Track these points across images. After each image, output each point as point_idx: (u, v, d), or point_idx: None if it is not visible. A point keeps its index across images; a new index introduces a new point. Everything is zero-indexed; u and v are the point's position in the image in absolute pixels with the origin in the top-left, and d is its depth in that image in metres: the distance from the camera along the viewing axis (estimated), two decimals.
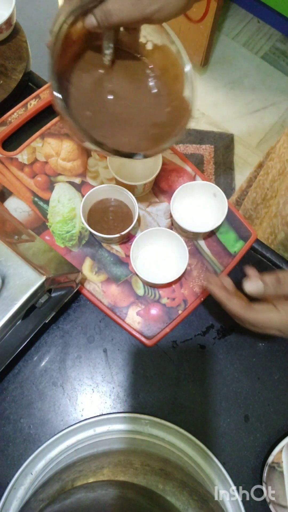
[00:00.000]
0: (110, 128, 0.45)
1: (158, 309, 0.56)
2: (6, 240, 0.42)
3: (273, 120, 1.63)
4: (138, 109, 0.47)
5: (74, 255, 0.58)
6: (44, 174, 0.61)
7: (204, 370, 0.55)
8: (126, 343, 0.56)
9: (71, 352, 0.55)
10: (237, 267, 0.59)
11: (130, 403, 0.53)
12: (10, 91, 0.65)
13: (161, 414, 0.52)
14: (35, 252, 0.47)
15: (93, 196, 0.56)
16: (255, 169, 0.86)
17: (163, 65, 0.46)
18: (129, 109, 0.46)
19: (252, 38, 1.76)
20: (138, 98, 0.47)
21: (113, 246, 0.59)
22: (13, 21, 0.67)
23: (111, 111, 0.46)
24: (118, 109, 0.46)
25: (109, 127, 0.45)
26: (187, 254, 0.53)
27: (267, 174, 0.76)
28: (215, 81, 1.69)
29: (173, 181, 0.62)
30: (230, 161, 1.57)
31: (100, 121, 0.45)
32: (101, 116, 0.45)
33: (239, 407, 0.53)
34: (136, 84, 0.47)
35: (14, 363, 0.54)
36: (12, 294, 0.38)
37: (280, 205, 0.67)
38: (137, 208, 0.53)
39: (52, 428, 0.52)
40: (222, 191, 0.56)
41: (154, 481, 0.34)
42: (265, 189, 0.76)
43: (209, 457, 0.48)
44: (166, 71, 0.47)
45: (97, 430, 0.51)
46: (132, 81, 0.46)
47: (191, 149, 1.57)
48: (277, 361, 0.56)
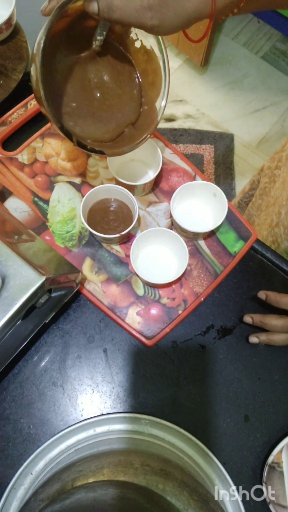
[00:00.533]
0: (84, 119, 0.45)
1: (158, 309, 0.56)
2: (6, 240, 0.42)
3: (273, 120, 1.63)
4: (117, 105, 0.47)
5: (74, 255, 0.58)
6: (44, 174, 0.61)
7: (204, 370, 0.55)
8: (126, 343, 0.56)
9: (71, 352, 0.55)
10: (237, 267, 0.59)
11: (130, 403, 0.53)
12: (10, 91, 0.65)
13: (161, 414, 0.52)
14: (35, 252, 0.47)
15: (93, 196, 0.56)
16: (258, 172, 0.86)
17: (144, 68, 0.47)
18: (108, 102, 0.46)
19: (252, 38, 1.76)
20: (118, 94, 0.47)
21: (113, 246, 0.59)
22: (13, 21, 0.67)
23: (88, 101, 0.45)
24: (96, 101, 0.46)
25: (85, 117, 0.45)
26: (187, 254, 0.53)
27: (274, 182, 0.76)
28: (215, 81, 1.69)
29: (173, 181, 0.62)
30: (230, 161, 1.57)
31: (76, 108, 0.44)
32: (78, 103, 0.45)
33: (239, 407, 0.53)
34: (117, 79, 0.47)
35: (14, 363, 0.54)
36: (12, 294, 0.38)
37: (282, 215, 0.67)
38: (137, 208, 0.53)
39: (52, 428, 0.52)
40: (222, 191, 0.56)
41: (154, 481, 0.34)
42: (271, 197, 0.76)
43: (209, 457, 0.48)
44: (146, 75, 0.47)
45: (97, 430, 0.50)
46: (115, 75, 0.46)
47: (191, 149, 1.57)
48: (277, 361, 0.56)
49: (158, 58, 0.45)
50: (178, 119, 1.63)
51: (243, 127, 1.62)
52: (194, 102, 1.65)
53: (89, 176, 0.62)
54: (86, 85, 0.45)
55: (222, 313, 0.57)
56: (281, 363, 0.55)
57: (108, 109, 0.46)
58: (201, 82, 1.69)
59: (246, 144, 1.60)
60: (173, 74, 1.70)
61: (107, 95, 0.46)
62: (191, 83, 1.69)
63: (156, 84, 0.47)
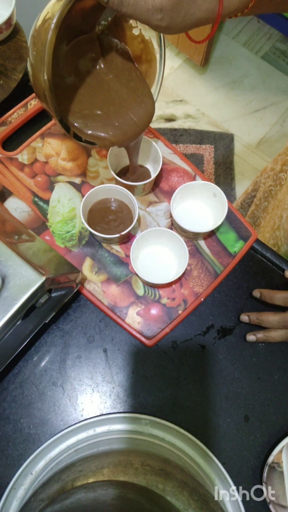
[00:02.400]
0: (84, 108, 0.44)
1: (158, 309, 0.56)
2: (6, 240, 0.42)
3: (273, 120, 1.63)
4: (120, 96, 0.46)
5: (74, 255, 0.58)
6: (44, 174, 0.61)
7: (204, 370, 0.55)
8: (126, 343, 0.56)
9: (71, 352, 0.55)
10: (237, 267, 0.59)
11: (130, 403, 0.53)
12: (10, 91, 0.65)
13: (161, 414, 0.52)
14: (35, 252, 0.47)
15: (93, 196, 0.56)
16: (261, 173, 0.86)
17: (138, 55, 0.46)
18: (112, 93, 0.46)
19: (252, 38, 1.76)
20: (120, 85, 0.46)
21: (113, 246, 0.59)
22: (13, 21, 0.67)
23: (93, 91, 0.45)
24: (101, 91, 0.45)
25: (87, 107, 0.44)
26: (187, 254, 0.53)
27: (280, 186, 0.76)
28: (215, 81, 1.69)
29: (173, 181, 0.62)
30: (230, 161, 1.57)
31: (77, 99, 0.44)
32: (81, 94, 0.44)
33: (239, 407, 0.53)
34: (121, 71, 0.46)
35: (14, 363, 0.54)
36: (12, 294, 0.38)
37: (283, 219, 0.68)
38: (137, 208, 0.53)
39: (52, 428, 0.52)
40: (222, 191, 0.56)
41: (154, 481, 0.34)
42: (277, 200, 0.77)
43: (209, 457, 0.48)
44: (139, 63, 0.47)
45: (97, 430, 0.50)
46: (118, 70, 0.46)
47: (191, 149, 1.57)
48: (277, 361, 0.56)
49: (155, 51, 0.45)
50: (178, 119, 1.63)
51: (243, 127, 1.62)
52: (194, 102, 1.65)
53: (89, 176, 0.62)
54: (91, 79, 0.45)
55: (222, 313, 0.57)
56: (281, 363, 0.55)
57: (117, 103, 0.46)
58: (201, 82, 1.69)
59: (246, 144, 1.60)
60: (173, 74, 1.70)
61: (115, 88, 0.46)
62: (191, 83, 1.69)
63: (148, 75, 0.47)
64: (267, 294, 0.55)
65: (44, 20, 0.36)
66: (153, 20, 0.35)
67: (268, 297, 0.55)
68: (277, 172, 0.77)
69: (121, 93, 0.46)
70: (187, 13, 0.35)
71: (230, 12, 0.38)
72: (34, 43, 0.37)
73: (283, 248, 0.68)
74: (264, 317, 0.54)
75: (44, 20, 0.36)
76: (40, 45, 0.36)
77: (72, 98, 0.44)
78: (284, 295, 0.53)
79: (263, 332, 0.54)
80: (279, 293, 0.54)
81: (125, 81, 0.46)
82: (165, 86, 1.68)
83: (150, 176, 0.59)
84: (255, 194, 0.89)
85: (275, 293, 0.54)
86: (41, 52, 0.36)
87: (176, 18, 0.35)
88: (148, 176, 0.59)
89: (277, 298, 0.54)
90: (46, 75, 0.36)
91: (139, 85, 0.47)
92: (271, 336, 0.54)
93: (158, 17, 0.35)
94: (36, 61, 0.37)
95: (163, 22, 0.35)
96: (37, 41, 0.36)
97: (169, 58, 1.71)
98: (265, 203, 0.82)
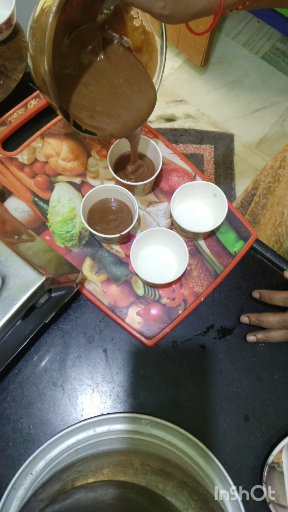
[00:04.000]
0: (85, 99, 0.44)
1: (158, 309, 0.56)
2: (6, 240, 0.42)
3: (273, 120, 1.63)
4: (122, 87, 0.46)
5: (74, 255, 0.58)
6: (44, 174, 0.61)
7: (204, 370, 0.55)
8: (126, 343, 0.56)
9: (71, 352, 0.55)
10: (237, 267, 0.59)
11: (130, 403, 0.53)
12: (10, 91, 0.65)
13: (161, 414, 0.52)
14: (35, 252, 0.47)
15: (93, 196, 0.56)
16: (261, 171, 0.86)
17: (139, 46, 0.46)
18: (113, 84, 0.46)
19: (252, 38, 1.76)
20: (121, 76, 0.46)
21: (113, 246, 0.59)
22: (13, 21, 0.67)
23: (94, 81, 0.45)
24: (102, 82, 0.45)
25: (88, 98, 0.44)
26: (187, 254, 0.53)
27: (278, 182, 0.76)
28: (215, 81, 1.69)
29: (173, 181, 0.62)
30: (230, 161, 1.57)
31: (79, 90, 0.44)
32: (82, 85, 0.44)
33: (239, 407, 0.53)
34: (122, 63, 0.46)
35: (14, 363, 0.54)
36: (12, 294, 0.38)
37: (285, 215, 0.68)
38: (137, 208, 0.53)
39: (52, 428, 0.52)
40: (222, 191, 0.56)
41: (154, 481, 0.34)
42: (276, 196, 0.77)
43: (209, 457, 0.48)
44: (140, 55, 0.46)
45: (97, 430, 0.50)
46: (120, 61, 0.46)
47: (191, 149, 1.57)
48: (277, 361, 0.56)
49: (156, 42, 0.45)
50: (178, 119, 1.63)
51: (243, 127, 1.62)
52: (194, 102, 1.65)
53: (89, 176, 0.62)
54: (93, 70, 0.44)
55: (222, 313, 0.57)
56: (281, 363, 0.55)
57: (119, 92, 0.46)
58: (201, 82, 1.68)
59: (246, 144, 1.60)
60: (173, 74, 1.70)
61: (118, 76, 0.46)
62: (191, 83, 1.69)
63: (149, 66, 0.47)
64: (267, 295, 0.55)
65: (42, 10, 0.35)
66: (155, 8, 0.35)
67: (268, 298, 0.55)
68: (276, 169, 0.77)
69: (122, 83, 0.45)
70: (190, 2, 0.35)
71: (232, 4, 0.38)
72: (33, 34, 0.36)
73: (285, 244, 0.68)
74: (264, 318, 0.54)
75: (42, 9, 0.35)
76: (40, 33, 0.35)
77: (73, 89, 0.43)
78: (283, 295, 0.54)
79: (263, 333, 0.54)
80: (278, 293, 0.54)
81: (126, 72, 0.46)
82: (165, 86, 1.68)
83: (151, 173, 0.59)
84: (255, 193, 0.89)
85: (275, 293, 0.54)
86: (41, 41, 0.35)
87: (178, 6, 0.35)
88: (149, 175, 0.59)
89: (277, 299, 0.54)
90: (47, 61, 0.35)
91: (140, 76, 0.46)
92: (271, 336, 0.54)
93: (160, 5, 0.34)
94: (36, 51, 0.36)
95: (165, 11, 0.35)
96: (36, 31, 0.36)
97: (169, 58, 1.70)
98: (264, 200, 0.82)
